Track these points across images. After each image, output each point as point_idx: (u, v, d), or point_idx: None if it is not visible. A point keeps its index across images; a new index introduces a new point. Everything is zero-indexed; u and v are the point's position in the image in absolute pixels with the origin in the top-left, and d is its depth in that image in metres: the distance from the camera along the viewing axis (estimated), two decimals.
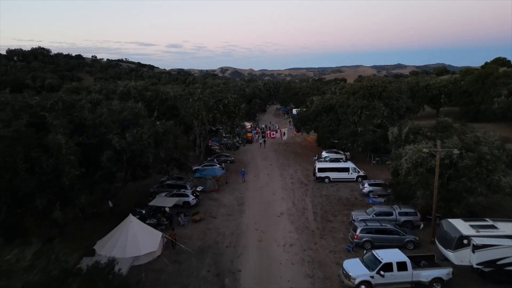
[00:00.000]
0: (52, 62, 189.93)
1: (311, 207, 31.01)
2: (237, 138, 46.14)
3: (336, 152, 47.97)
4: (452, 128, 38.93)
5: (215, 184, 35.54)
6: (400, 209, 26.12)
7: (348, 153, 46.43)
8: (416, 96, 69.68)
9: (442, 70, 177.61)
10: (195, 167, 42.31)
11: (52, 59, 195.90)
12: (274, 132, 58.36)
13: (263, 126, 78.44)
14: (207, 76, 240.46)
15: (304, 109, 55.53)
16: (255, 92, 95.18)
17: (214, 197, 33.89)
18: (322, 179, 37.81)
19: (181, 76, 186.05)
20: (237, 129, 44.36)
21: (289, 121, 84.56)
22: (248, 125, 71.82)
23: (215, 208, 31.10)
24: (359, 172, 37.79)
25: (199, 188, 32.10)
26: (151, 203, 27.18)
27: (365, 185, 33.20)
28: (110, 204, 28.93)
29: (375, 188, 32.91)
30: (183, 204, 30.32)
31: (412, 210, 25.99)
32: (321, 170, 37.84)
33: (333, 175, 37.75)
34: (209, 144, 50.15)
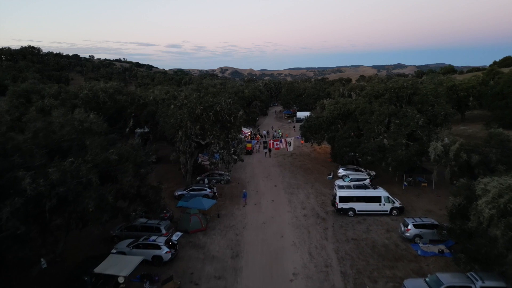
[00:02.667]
0: (41, 61, 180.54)
1: (336, 261, 21.73)
2: (233, 150, 36.73)
3: (356, 170, 38.76)
4: (510, 142, 29.95)
5: (201, 222, 26.27)
6: (483, 282, 16.82)
7: (373, 172, 37.11)
8: None
9: (449, 69, 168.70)
10: (179, 192, 33.20)
11: (42, 59, 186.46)
12: (278, 142, 49.18)
13: (265, 132, 69.15)
14: (205, 76, 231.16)
15: (314, 116, 46.35)
16: (255, 94, 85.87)
17: (200, 242, 24.60)
18: (344, 212, 28.57)
19: (177, 76, 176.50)
20: (234, 142, 35.06)
21: (293, 126, 75.43)
22: (247, 131, 62.67)
23: (199, 263, 21.78)
24: (393, 202, 28.52)
25: (176, 236, 22.81)
26: (98, 269, 17.82)
27: (408, 227, 23.90)
28: (43, 263, 19.72)
29: (424, 231, 23.63)
30: (152, 260, 21.05)
31: (503, 285, 16.69)
32: (344, 199, 28.57)
33: (359, 206, 28.50)
34: (199, 160, 40.89)
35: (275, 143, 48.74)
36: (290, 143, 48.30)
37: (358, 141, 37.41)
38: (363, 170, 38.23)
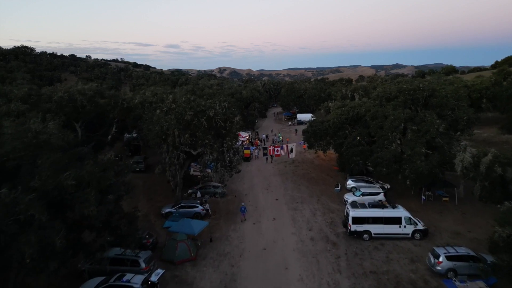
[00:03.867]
0: (34, 61, 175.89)
1: None
2: (229, 159, 32.50)
3: (366, 181, 34.68)
4: None
5: (190, 250, 22.08)
6: None
7: (388, 185, 33.03)
8: None
9: (451, 69, 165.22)
10: (167, 210, 29.03)
11: (35, 59, 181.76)
12: (279, 148, 44.99)
13: (264, 136, 64.95)
14: (202, 76, 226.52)
15: (319, 120, 42.26)
16: (253, 95, 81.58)
17: (187, 277, 20.42)
18: (358, 235, 24.47)
19: (173, 77, 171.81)
20: (230, 152, 30.90)
21: (295, 130, 71.21)
22: (245, 135, 58.52)
23: None
24: (416, 224, 24.41)
25: (156, 275, 18.56)
26: None
27: (440, 259, 19.80)
28: None
29: (459, 264, 19.55)
30: None
31: None
32: (358, 220, 24.46)
33: (376, 228, 24.39)
34: (191, 169, 36.67)
35: (275, 149, 44.59)
36: (292, 149, 44.21)
37: (370, 149, 33.30)
38: (374, 181, 34.17)
